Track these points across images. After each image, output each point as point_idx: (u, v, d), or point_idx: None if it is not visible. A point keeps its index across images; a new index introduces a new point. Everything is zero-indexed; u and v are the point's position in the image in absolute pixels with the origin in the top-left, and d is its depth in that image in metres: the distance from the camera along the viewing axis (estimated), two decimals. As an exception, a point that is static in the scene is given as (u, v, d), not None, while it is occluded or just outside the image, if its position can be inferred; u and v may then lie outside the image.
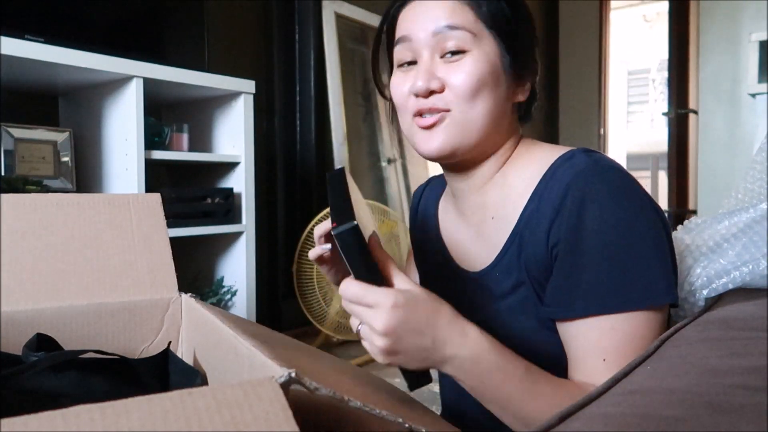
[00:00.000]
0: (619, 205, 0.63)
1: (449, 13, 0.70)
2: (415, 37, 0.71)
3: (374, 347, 0.57)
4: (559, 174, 0.68)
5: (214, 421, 0.32)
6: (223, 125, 2.01)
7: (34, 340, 0.60)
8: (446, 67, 0.70)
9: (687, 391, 0.42)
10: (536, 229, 0.68)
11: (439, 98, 0.70)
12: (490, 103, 0.70)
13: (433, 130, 0.71)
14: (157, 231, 0.76)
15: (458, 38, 0.69)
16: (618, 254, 0.62)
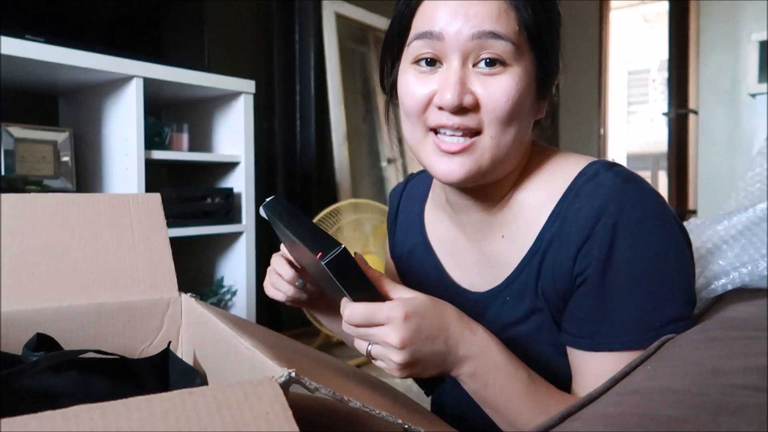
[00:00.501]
0: (652, 235, 0.59)
1: (495, 15, 0.58)
2: (447, 36, 0.59)
3: (392, 363, 0.55)
4: (585, 194, 0.61)
5: (214, 421, 0.32)
6: (223, 125, 2.01)
7: (34, 340, 0.60)
8: (481, 81, 0.59)
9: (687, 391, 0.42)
10: (559, 254, 0.62)
11: (471, 118, 0.60)
12: (523, 125, 0.62)
13: (463, 154, 0.61)
14: (157, 231, 0.76)
15: (501, 49, 0.58)
16: (649, 289, 0.59)
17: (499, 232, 0.69)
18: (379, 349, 0.55)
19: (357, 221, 2.33)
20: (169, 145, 1.88)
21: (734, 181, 4.06)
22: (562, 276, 0.62)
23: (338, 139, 2.74)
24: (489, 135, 0.60)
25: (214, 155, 1.95)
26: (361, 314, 0.54)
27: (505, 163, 0.64)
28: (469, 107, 0.59)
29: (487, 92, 0.59)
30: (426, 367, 0.56)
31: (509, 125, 0.60)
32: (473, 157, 0.61)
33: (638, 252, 0.58)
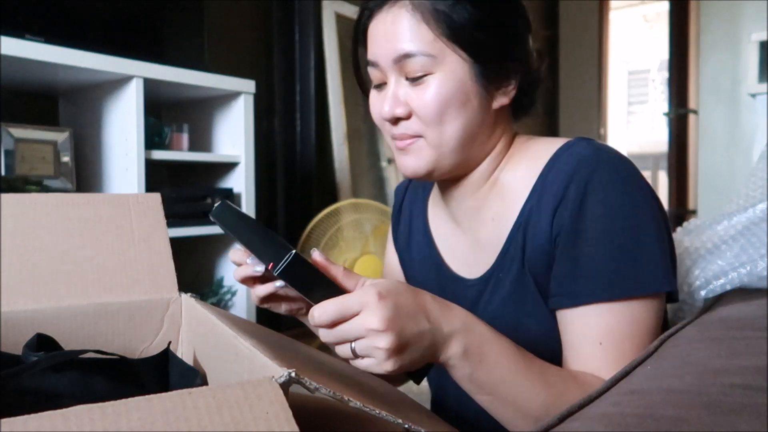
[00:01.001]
0: (622, 193, 0.63)
1: (407, 36, 0.66)
2: (379, 62, 0.69)
3: (380, 353, 0.50)
4: (559, 164, 0.66)
5: (214, 421, 0.32)
6: (223, 125, 2.01)
7: (34, 340, 0.60)
8: (411, 91, 0.68)
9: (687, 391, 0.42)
10: (539, 221, 0.66)
11: (408, 125, 0.69)
12: (462, 121, 0.68)
13: (408, 151, 0.70)
14: (157, 231, 0.76)
15: (419, 63, 0.66)
16: (622, 241, 0.62)
17: (489, 216, 0.74)
18: (363, 343, 0.51)
19: (357, 221, 2.33)
20: (169, 145, 1.88)
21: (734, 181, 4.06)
22: (543, 240, 0.66)
23: (338, 139, 2.74)
24: (428, 136, 0.69)
25: (214, 155, 1.95)
26: (332, 310, 0.51)
27: (459, 156, 0.70)
28: (404, 116, 0.69)
29: (416, 101, 0.67)
30: (415, 350, 0.52)
31: (444, 124, 0.68)
32: (419, 155, 0.70)
33: (609, 209, 0.62)
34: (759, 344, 0.52)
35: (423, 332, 0.53)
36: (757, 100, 3.63)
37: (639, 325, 0.62)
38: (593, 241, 0.62)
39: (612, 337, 0.62)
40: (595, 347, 0.62)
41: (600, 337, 0.62)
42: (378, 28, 0.69)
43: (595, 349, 0.62)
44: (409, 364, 0.53)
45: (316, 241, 2.22)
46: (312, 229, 2.22)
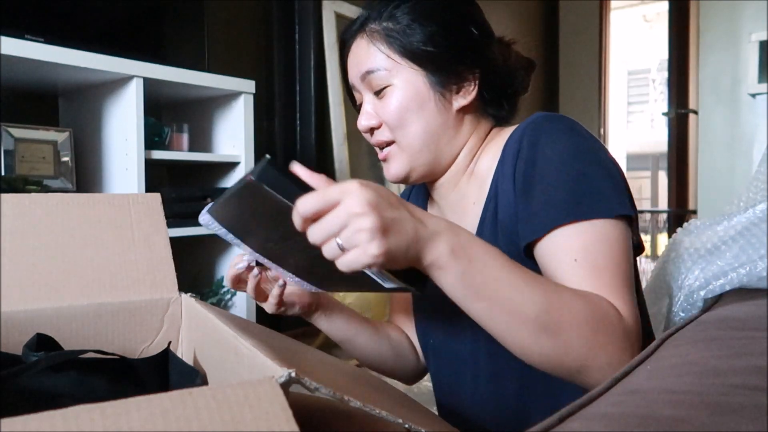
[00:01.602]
0: (569, 137, 0.69)
1: (364, 59, 0.78)
2: (355, 85, 0.81)
3: (363, 235, 0.49)
4: (517, 134, 0.74)
5: (214, 421, 0.32)
6: (223, 125, 2.01)
7: (34, 340, 0.60)
8: (378, 104, 0.78)
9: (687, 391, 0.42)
10: (504, 184, 0.73)
11: (380, 133, 0.79)
12: (422, 122, 0.76)
13: (387, 159, 0.80)
14: (157, 231, 0.76)
15: (378, 77, 0.77)
16: (573, 174, 0.67)
17: (470, 202, 0.81)
18: (347, 232, 0.50)
19: (357, 221, 2.33)
20: (169, 145, 1.88)
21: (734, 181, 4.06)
22: (510, 201, 0.72)
23: (338, 139, 2.74)
24: (398, 141, 0.78)
25: (214, 155, 1.95)
26: (313, 200, 0.50)
27: (427, 153, 0.78)
28: (376, 127, 0.79)
29: (381, 111, 0.78)
30: (399, 236, 0.51)
31: (407, 127, 0.77)
32: (394, 161, 0.79)
33: (558, 147, 0.68)
34: (759, 344, 0.52)
35: (405, 220, 0.52)
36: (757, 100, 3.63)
37: (609, 243, 0.65)
38: (547, 178, 0.68)
39: (585, 253, 0.64)
40: (571, 265, 0.64)
41: (573, 255, 0.64)
42: (350, 58, 0.82)
43: (571, 268, 0.64)
44: (395, 249, 0.51)
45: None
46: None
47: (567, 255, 0.65)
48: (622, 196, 0.67)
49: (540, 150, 0.69)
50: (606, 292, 0.62)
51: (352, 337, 0.86)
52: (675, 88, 4.09)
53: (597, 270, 0.63)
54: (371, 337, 0.88)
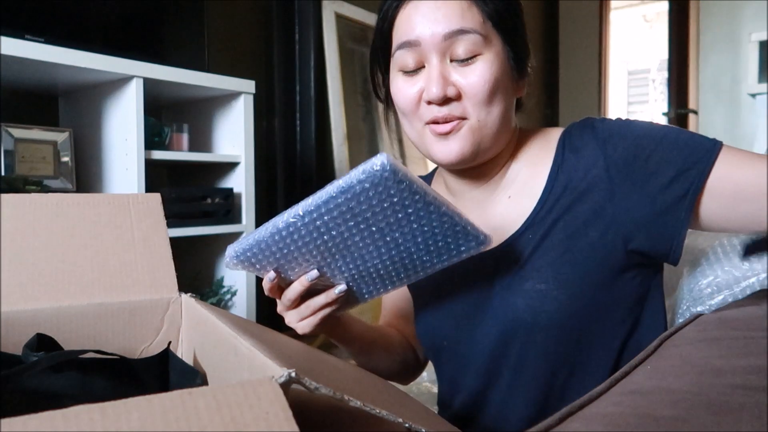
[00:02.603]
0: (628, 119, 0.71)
1: (460, 14, 0.67)
2: (423, 41, 0.68)
3: None
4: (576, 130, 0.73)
5: (214, 421, 0.32)
6: (223, 125, 2.01)
7: (34, 340, 0.60)
8: (459, 72, 0.68)
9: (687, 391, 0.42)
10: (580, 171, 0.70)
11: (456, 106, 0.69)
12: (505, 104, 0.70)
13: (450, 137, 0.70)
14: (157, 231, 0.76)
15: (471, 42, 0.67)
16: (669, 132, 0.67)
17: (504, 195, 0.76)
18: None
19: (357, 221, 2.33)
20: (169, 145, 1.88)
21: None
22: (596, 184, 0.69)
23: (338, 139, 2.74)
24: (475, 118, 0.69)
25: (214, 155, 1.95)
26: None
27: (495, 140, 0.72)
28: (453, 97, 0.68)
29: (466, 81, 0.68)
30: None
31: (491, 105, 0.69)
32: (464, 138, 0.69)
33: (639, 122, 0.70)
34: (759, 344, 0.52)
35: None
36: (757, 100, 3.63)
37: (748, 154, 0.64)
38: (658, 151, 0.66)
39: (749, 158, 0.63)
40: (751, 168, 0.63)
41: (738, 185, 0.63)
42: (420, 10, 0.68)
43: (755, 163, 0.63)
44: None
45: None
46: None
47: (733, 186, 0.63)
48: None
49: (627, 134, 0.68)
50: None
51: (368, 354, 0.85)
52: (675, 88, 4.09)
53: None
54: (383, 353, 0.87)
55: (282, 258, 0.64)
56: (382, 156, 0.51)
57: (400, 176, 0.53)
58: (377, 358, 0.86)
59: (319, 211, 0.57)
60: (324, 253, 0.63)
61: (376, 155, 0.52)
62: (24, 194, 0.72)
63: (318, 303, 0.68)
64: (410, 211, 0.57)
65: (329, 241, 0.61)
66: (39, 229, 0.70)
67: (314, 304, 0.68)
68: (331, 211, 0.57)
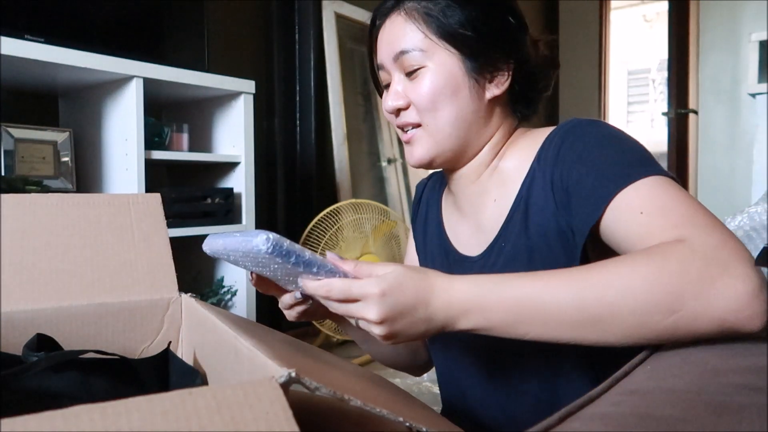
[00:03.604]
0: (606, 129, 0.70)
1: (401, 38, 0.75)
2: (384, 64, 0.78)
3: (374, 333, 0.57)
4: (552, 136, 0.73)
5: (214, 421, 0.32)
6: (223, 125, 2.01)
7: (34, 340, 0.60)
8: (409, 85, 0.76)
9: (687, 391, 0.42)
10: (539, 187, 0.72)
11: (408, 115, 0.77)
12: (454, 109, 0.75)
13: (411, 142, 0.78)
14: (157, 231, 0.76)
15: (412, 58, 0.74)
16: (615, 150, 0.66)
17: (491, 199, 0.79)
18: (362, 323, 0.58)
19: (357, 221, 2.33)
20: (169, 145, 1.88)
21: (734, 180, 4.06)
22: (545, 206, 0.71)
23: (338, 139, 2.74)
24: (425, 125, 0.76)
25: (214, 155, 1.95)
26: (339, 289, 0.56)
27: (455, 140, 0.76)
28: (403, 107, 0.77)
29: (412, 93, 0.76)
30: (409, 335, 0.57)
31: (437, 111, 0.75)
32: (420, 144, 0.77)
33: (601, 134, 0.69)
34: (759, 344, 0.52)
35: (417, 322, 0.57)
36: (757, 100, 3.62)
37: (670, 188, 0.61)
38: (591, 164, 0.66)
39: (649, 201, 0.60)
40: (639, 219, 0.60)
41: (638, 210, 0.60)
42: (381, 35, 0.79)
43: (640, 220, 0.60)
44: (403, 342, 0.59)
45: (316, 241, 2.22)
46: (312, 229, 2.23)
47: (633, 213, 0.61)
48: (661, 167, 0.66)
49: (581, 142, 0.69)
50: (676, 224, 0.57)
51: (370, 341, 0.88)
52: (675, 88, 4.09)
53: (664, 210, 0.59)
54: None
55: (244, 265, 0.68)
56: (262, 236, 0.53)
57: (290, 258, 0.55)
58: (382, 347, 0.89)
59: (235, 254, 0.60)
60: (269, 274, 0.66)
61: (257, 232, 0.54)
62: (24, 194, 0.72)
63: (285, 302, 0.72)
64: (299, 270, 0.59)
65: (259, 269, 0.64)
66: (39, 229, 0.70)
67: (284, 301, 0.72)
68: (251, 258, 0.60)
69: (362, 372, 0.65)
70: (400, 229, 2.47)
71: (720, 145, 4.15)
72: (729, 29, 4.06)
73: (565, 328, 0.55)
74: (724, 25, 4.08)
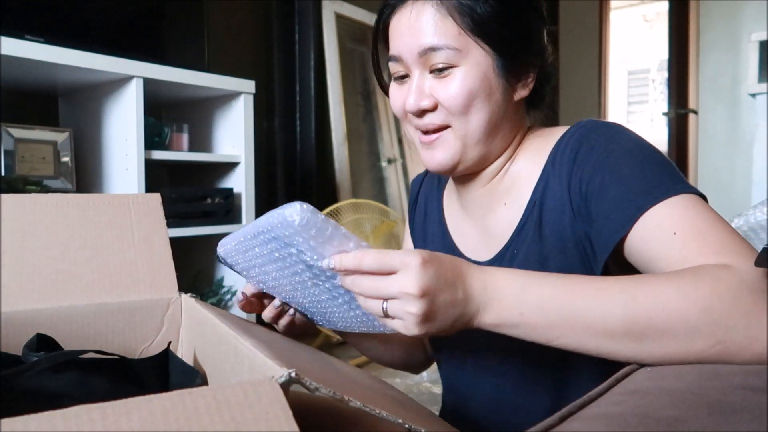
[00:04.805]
0: (625, 134, 0.67)
1: (432, 30, 0.67)
2: (403, 56, 0.70)
3: (410, 318, 0.50)
4: (568, 138, 0.70)
5: (214, 421, 0.32)
6: (223, 125, 2.01)
7: (34, 340, 0.60)
8: (436, 83, 0.69)
9: (687, 391, 0.42)
10: (554, 194, 0.68)
11: (434, 116, 0.70)
12: (487, 112, 0.70)
13: (435, 145, 0.71)
14: (157, 231, 0.76)
15: (444, 56, 0.68)
16: (641, 162, 0.63)
17: (502, 201, 0.76)
18: (395, 304, 0.50)
19: (357, 221, 2.33)
20: (169, 145, 1.88)
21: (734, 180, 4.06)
22: (561, 210, 0.68)
23: (338, 139, 2.74)
24: (454, 127, 0.70)
25: (214, 155, 1.95)
26: (372, 259, 0.50)
27: (483, 148, 0.72)
28: (429, 108, 0.70)
29: (442, 93, 0.69)
30: (444, 319, 0.51)
31: (469, 115, 0.69)
32: (445, 147, 0.71)
33: (622, 142, 0.65)
34: (759, 344, 0.52)
35: (456, 302, 0.52)
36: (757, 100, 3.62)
37: (703, 209, 0.59)
38: (618, 174, 0.63)
39: (682, 222, 0.58)
40: (673, 239, 0.57)
41: (671, 229, 0.58)
42: (401, 23, 0.70)
43: (673, 241, 0.57)
44: (437, 331, 0.52)
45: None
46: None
47: (665, 232, 0.58)
48: None
49: (603, 149, 0.65)
50: (716, 250, 0.54)
51: (362, 338, 0.87)
52: (675, 88, 4.09)
53: (701, 233, 0.56)
54: (381, 339, 0.88)
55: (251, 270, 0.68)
56: (293, 206, 0.49)
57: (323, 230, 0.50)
58: (374, 346, 0.88)
59: (253, 240, 0.59)
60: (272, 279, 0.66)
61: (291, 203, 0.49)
62: (24, 194, 0.72)
63: (267, 316, 0.73)
64: None
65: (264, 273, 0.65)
66: (39, 229, 0.70)
67: (266, 315, 0.73)
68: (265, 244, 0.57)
69: (362, 373, 0.65)
70: (400, 229, 2.46)
71: (720, 145, 4.15)
72: (729, 29, 4.06)
73: (604, 340, 0.51)
74: (724, 25, 4.08)
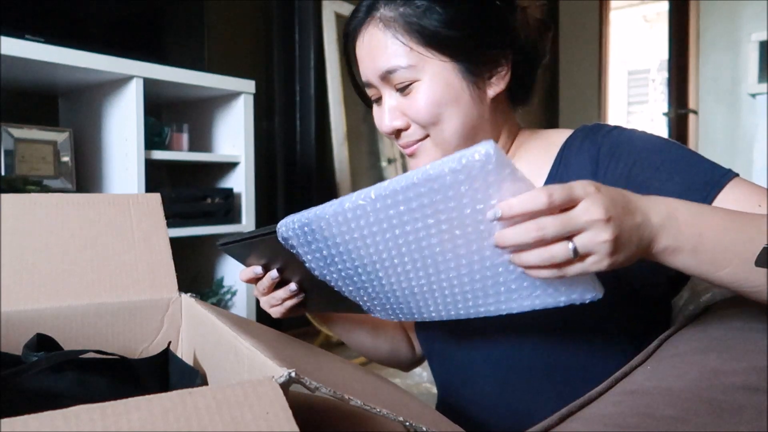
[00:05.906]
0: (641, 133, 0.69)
1: (384, 53, 0.69)
2: (371, 82, 0.73)
3: (603, 247, 0.46)
4: (581, 139, 0.70)
5: (214, 421, 0.32)
6: (223, 125, 2.01)
7: (34, 340, 0.60)
8: (403, 101, 0.71)
9: (687, 391, 0.42)
10: None
11: (410, 133, 0.72)
12: (459, 117, 0.70)
13: (416, 154, 0.74)
14: (157, 231, 0.76)
15: (401, 75, 0.69)
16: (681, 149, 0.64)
17: None
18: (585, 237, 0.46)
19: (357, 221, 2.33)
20: (169, 145, 1.88)
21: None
22: None
23: (338, 139, 2.74)
24: (432, 136, 0.71)
25: (214, 155, 1.95)
26: (560, 192, 0.45)
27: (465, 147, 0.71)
28: (403, 127, 0.72)
29: (409, 110, 0.70)
30: (630, 245, 0.48)
31: (441, 124, 0.70)
32: (425, 155, 0.73)
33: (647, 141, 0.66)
34: (759, 344, 0.52)
35: (638, 225, 0.49)
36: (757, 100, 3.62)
37: (760, 189, 0.60)
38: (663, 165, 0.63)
39: (760, 197, 0.58)
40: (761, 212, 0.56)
41: (753, 204, 0.58)
42: (361, 50, 0.73)
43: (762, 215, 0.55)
44: (623, 260, 0.48)
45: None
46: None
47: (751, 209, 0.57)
48: None
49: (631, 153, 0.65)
50: None
51: (350, 332, 0.88)
52: (675, 88, 4.09)
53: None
54: (369, 332, 0.89)
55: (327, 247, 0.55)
56: (487, 144, 0.42)
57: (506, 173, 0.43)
58: (361, 337, 0.88)
59: (395, 197, 0.47)
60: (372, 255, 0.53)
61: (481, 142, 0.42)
62: (24, 194, 0.72)
63: (279, 296, 0.72)
64: None
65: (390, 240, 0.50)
66: (39, 229, 0.70)
67: (277, 296, 0.72)
68: (409, 201, 0.47)
69: (362, 371, 0.65)
70: (400, 229, 2.46)
71: (720, 145, 4.15)
72: (729, 29, 4.06)
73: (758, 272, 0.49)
74: (724, 25, 4.08)
